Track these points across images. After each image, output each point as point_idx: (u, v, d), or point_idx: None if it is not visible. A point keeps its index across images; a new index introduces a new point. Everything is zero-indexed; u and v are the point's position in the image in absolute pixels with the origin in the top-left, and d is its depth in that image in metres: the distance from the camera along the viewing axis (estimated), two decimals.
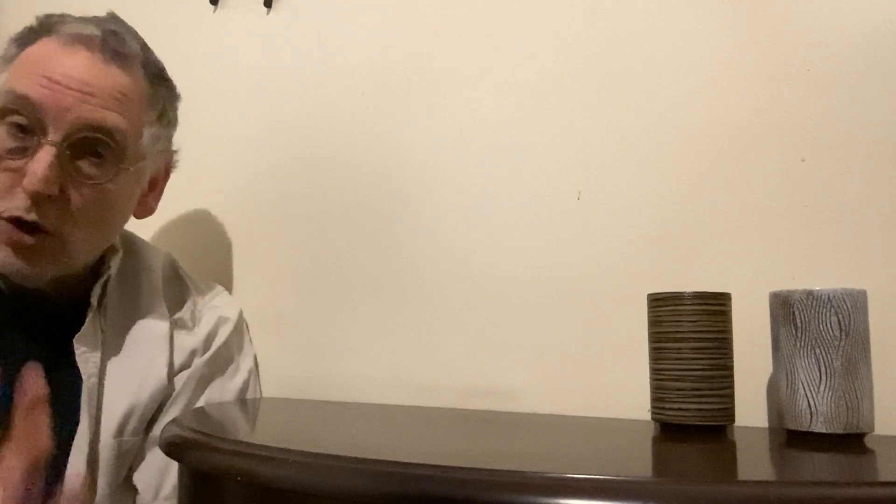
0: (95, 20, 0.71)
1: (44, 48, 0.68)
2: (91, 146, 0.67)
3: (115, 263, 0.77)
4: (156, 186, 0.80)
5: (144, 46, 0.74)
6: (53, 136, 0.65)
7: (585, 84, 0.78)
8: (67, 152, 0.66)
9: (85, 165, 0.67)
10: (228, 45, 1.01)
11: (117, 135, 0.68)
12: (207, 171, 0.99)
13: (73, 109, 0.65)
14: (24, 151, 0.65)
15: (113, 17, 0.74)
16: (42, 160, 0.64)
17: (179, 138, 0.81)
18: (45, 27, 0.70)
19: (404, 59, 0.89)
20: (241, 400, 0.83)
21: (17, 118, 0.65)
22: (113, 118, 0.68)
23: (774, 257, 0.67)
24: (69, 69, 0.66)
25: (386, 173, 0.88)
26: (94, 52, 0.68)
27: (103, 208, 0.70)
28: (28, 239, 0.66)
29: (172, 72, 0.77)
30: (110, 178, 0.69)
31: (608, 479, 0.39)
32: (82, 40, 0.68)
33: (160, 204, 0.81)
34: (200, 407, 0.77)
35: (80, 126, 0.66)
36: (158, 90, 0.74)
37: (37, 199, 0.64)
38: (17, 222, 0.65)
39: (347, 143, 0.91)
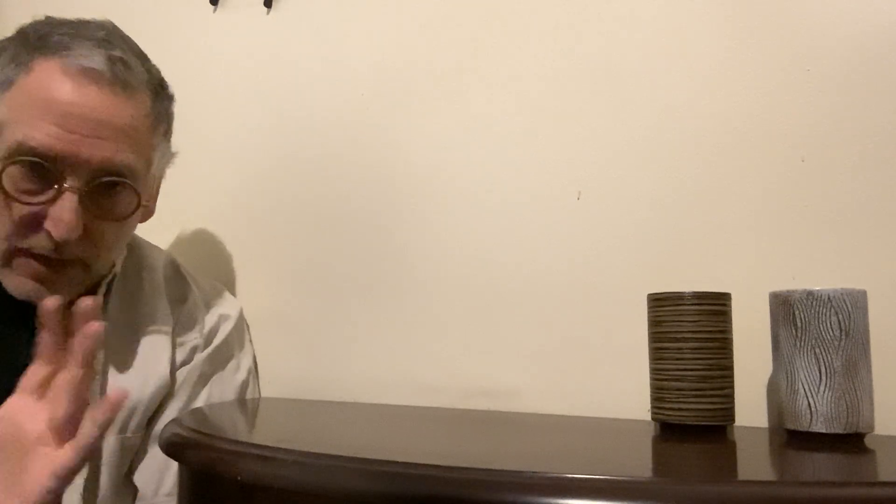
0: (97, 42, 0.67)
1: (48, 80, 0.65)
2: (109, 187, 0.67)
3: (119, 263, 0.77)
4: (154, 190, 0.80)
5: (142, 57, 0.72)
6: (73, 182, 0.64)
7: (585, 84, 0.78)
8: (88, 194, 0.66)
9: (104, 203, 0.67)
10: (228, 45, 1.01)
11: (133, 173, 0.68)
12: (207, 171, 0.99)
13: (91, 157, 0.65)
14: (42, 193, 0.64)
15: (112, 32, 0.70)
16: (66, 208, 0.64)
17: (179, 139, 0.80)
18: (42, 46, 0.66)
19: (405, 59, 0.88)
20: (241, 400, 0.83)
21: (31, 163, 0.64)
22: (129, 157, 0.67)
23: (774, 257, 0.67)
24: (80, 111, 0.64)
25: (386, 173, 0.88)
26: (103, 87, 0.66)
27: (121, 233, 0.72)
28: (55, 273, 0.67)
29: (172, 72, 0.77)
30: (129, 213, 0.69)
31: (608, 479, 0.39)
32: (89, 75, 0.65)
33: (160, 204, 0.81)
34: (200, 407, 0.77)
35: (99, 172, 0.65)
36: (161, 104, 0.73)
37: (62, 244, 0.65)
38: (42, 258, 0.66)
39: (348, 143, 0.91)
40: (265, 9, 0.99)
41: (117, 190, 0.68)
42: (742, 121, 0.70)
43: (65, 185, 0.64)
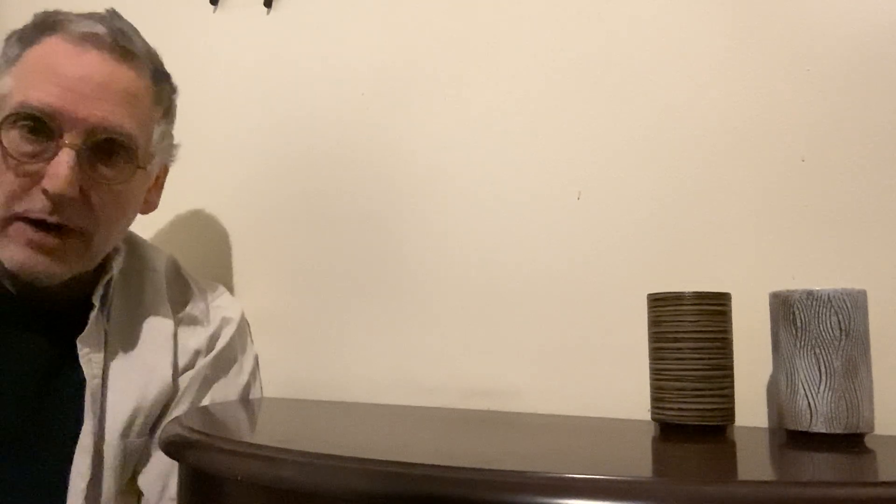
0: (100, 17, 0.70)
1: (51, 48, 0.67)
2: (107, 149, 0.67)
3: (117, 264, 0.77)
4: (157, 181, 0.80)
5: (145, 42, 0.74)
6: (71, 139, 0.65)
7: (585, 84, 0.78)
8: (86, 153, 0.66)
9: (102, 167, 0.68)
10: (228, 45, 1.01)
11: (132, 137, 0.69)
12: (208, 171, 0.99)
13: (90, 114, 0.65)
14: (41, 155, 0.65)
15: (115, 14, 0.73)
16: (63, 162, 0.64)
17: (180, 138, 0.81)
18: (47, 25, 0.69)
19: (405, 59, 0.89)
20: (242, 400, 0.83)
21: (31, 122, 0.65)
22: (128, 121, 0.68)
23: (774, 257, 0.67)
24: (82, 71, 0.66)
25: (386, 173, 0.88)
26: (104, 52, 0.68)
27: (119, 207, 0.71)
28: (52, 240, 0.66)
29: (172, 72, 0.78)
30: (127, 179, 0.69)
31: (608, 479, 0.39)
32: (91, 39, 0.67)
33: (161, 205, 0.82)
34: (201, 407, 0.77)
35: (97, 129, 0.66)
36: (163, 86, 0.75)
37: (58, 201, 0.65)
38: (40, 224, 0.65)
39: (348, 142, 0.91)
40: (265, 9, 0.99)
41: (115, 153, 0.68)
42: (742, 121, 0.70)
43: (64, 141, 0.65)
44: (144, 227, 0.85)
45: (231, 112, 1.00)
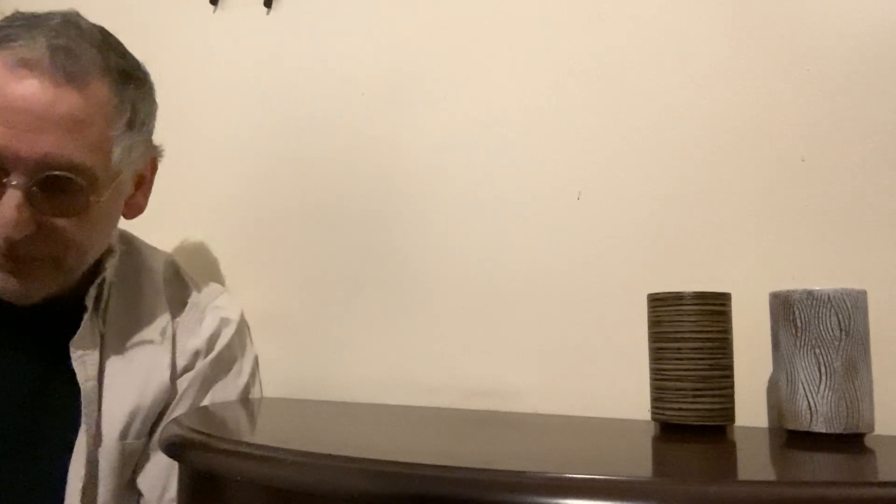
0: (45, 32, 0.64)
1: None
2: (57, 182, 0.64)
3: (111, 266, 0.76)
4: (142, 184, 0.77)
5: (103, 46, 0.68)
6: (16, 178, 0.62)
7: (585, 84, 0.78)
8: (35, 190, 0.63)
9: (57, 199, 0.65)
10: (228, 45, 1.01)
11: (81, 167, 0.64)
12: (207, 171, 0.99)
13: (31, 152, 0.62)
14: None
15: (68, 21, 0.67)
16: (8, 205, 0.62)
17: (179, 139, 0.80)
18: None
19: (404, 59, 0.89)
20: (242, 400, 0.83)
21: None
22: (75, 150, 0.64)
23: (774, 257, 0.67)
24: (20, 103, 0.62)
25: (386, 173, 0.88)
26: (43, 78, 0.63)
27: (89, 228, 0.68)
28: (20, 266, 0.65)
29: (173, 72, 0.77)
30: (84, 208, 0.66)
31: (608, 479, 0.39)
32: (29, 65, 0.63)
33: (160, 205, 0.81)
34: (201, 406, 0.77)
35: (42, 166, 0.62)
36: (125, 94, 0.69)
37: (13, 242, 0.63)
38: (5, 255, 0.64)
39: (347, 143, 0.91)
40: (265, 9, 0.99)
41: (65, 185, 0.64)
42: (742, 121, 0.70)
43: (10, 181, 0.62)
44: (144, 227, 0.85)
45: (231, 112, 1.00)
